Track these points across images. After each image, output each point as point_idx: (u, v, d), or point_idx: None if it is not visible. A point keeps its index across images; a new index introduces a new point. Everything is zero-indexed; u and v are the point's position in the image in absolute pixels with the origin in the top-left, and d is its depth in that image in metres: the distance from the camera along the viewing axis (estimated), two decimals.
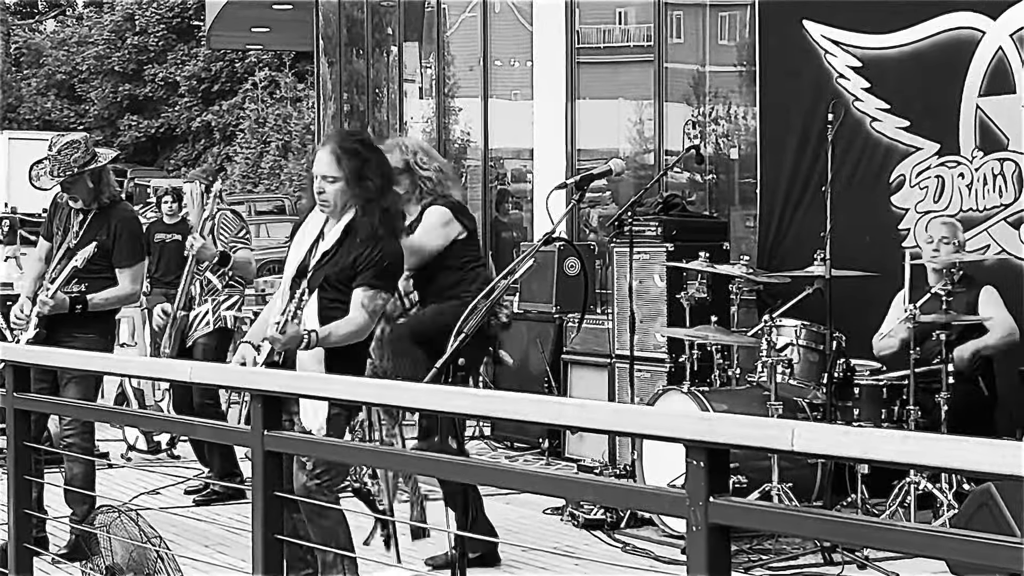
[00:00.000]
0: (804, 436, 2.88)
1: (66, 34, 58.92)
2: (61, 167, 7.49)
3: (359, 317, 5.96)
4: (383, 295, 6.03)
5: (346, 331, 5.95)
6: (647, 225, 9.43)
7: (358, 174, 6.00)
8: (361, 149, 6.07)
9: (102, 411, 7.45)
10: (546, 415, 3.57)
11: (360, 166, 6.01)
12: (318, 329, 5.90)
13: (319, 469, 5.87)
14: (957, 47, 9.24)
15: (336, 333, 5.93)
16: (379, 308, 6.04)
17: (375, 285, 5.97)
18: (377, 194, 6.02)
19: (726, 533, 3.09)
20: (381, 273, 5.99)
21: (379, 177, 6.06)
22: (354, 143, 6.10)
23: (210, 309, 9.17)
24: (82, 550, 6.77)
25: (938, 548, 2.84)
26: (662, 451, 7.86)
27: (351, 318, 5.95)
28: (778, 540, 7.55)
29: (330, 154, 6.03)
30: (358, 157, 6.02)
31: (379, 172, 6.07)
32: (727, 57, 12.62)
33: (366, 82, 18.03)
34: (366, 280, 5.96)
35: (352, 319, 5.96)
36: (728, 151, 12.50)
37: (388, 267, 6.02)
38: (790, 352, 8.32)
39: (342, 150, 6.02)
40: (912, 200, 9.44)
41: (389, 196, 6.10)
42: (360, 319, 5.96)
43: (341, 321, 5.94)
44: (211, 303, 9.17)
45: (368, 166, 6.03)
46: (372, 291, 5.97)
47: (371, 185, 6.00)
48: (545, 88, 13.82)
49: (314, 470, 5.87)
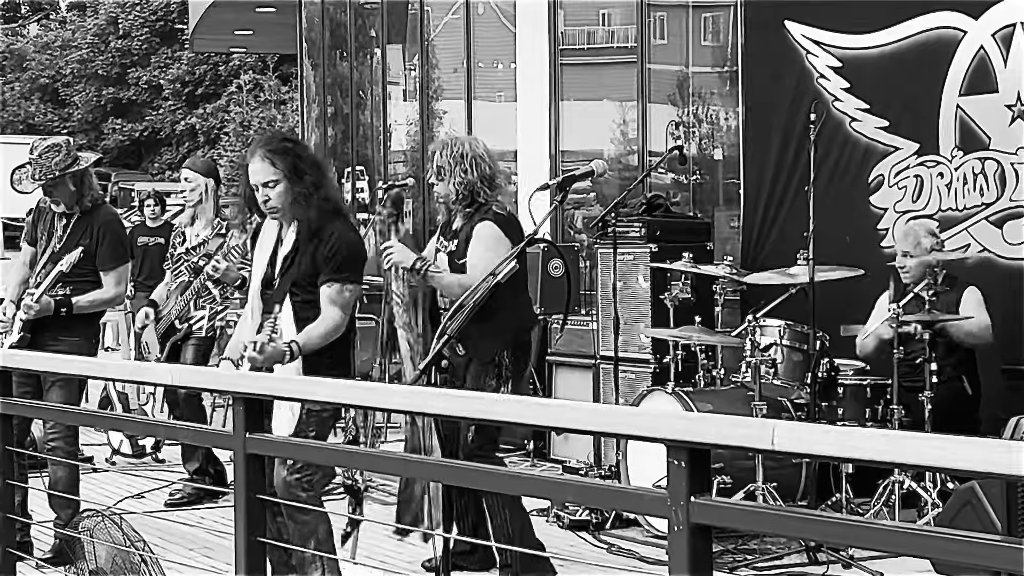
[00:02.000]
0: (785, 435, 2.88)
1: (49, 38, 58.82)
2: (42, 170, 7.48)
3: (332, 313, 6.01)
4: (349, 286, 6.06)
5: (323, 330, 5.99)
6: (631, 226, 9.45)
7: (294, 170, 6.05)
8: (290, 146, 6.15)
9: (86, 415, 7.43)
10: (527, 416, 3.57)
11: (294, 162, 6.07)
12: (296, 339, 5.91)
13: (299, 463, 5.89)
14: (938, 47, 9.25)
15: (313, 337, 5.96)
16: (349, 300, 6.08)
17: (338, 279, 6.03)
18: (314, 187, 6.06)
19: (708, 533, 3.09)
20: (341, 265, 6.04)
21: (313, 169, 6.11)
22: (281, 142, 6.17)
23: (207, 315, 9.15)
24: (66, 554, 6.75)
25: (923, 547, 2.85)
26: (647, 452, 7.86)
27: (324, 317, 6.00)
28: (763, 540, 7.56)
29: (262, 160, 6.08)
30: (290, 154, 6.09)
31: (311, 164, 6.14)
32: (710, 58, 12.63)
33: (350, 85, 18.02)
34: (328, 276, 6.02)
35: (325, 317, 6.00)
36: (711, 152, 12.51)
37: (346, 257, 6.06)
38: (774, 352, 8.33)
39: (273, 152, 6.08)
40: (891, 200, 9.46)
41: (325, 186, 6.14)
42: (333, 315, 6.01)
43: (315, 323, 5.98)
44: (208, 310, 9.15)
45: (301, 161, 6.10)
46: (337, 285, 6.03)
47: (308, 179, 6.06)
48: (529, 90, 13.82)
49: (294, 464, 5.89)
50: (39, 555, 7.42)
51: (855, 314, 8.69)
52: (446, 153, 6.78)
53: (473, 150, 6.82)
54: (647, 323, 9.35)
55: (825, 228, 8.31)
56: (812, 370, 8.00)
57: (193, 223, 9.22)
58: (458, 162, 6.75)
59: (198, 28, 23.38)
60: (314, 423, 5.94)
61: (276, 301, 6.05)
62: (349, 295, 6.05)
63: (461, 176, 6.74)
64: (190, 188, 9.18)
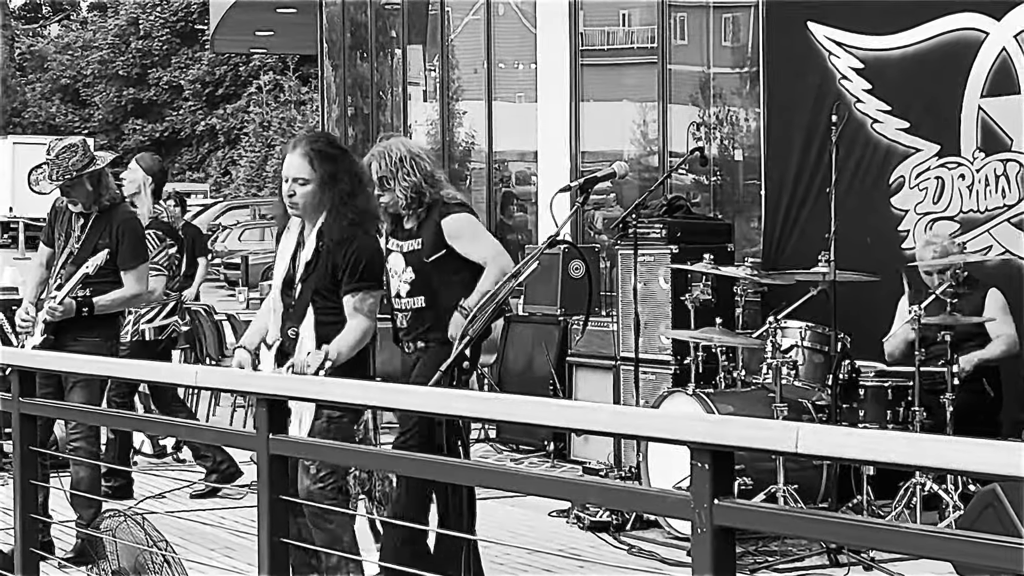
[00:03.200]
0: (808, 438, 2.88)
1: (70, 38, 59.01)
2: (60, 171, 7.50)
3: (358, 322, 5.98)
4: (372, 293, 6.03)
5: (352, 339, 5.97)
6: (652, 227, 9.44)
7: (331, 176, 6.00)
8: (333, 151, 6.08)
9: (107, 415, 7.45)
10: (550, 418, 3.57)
11: (333, 168, 6.00)
12: (329, 354, 5.86)
13: (323, 472, 5.88)
14: (960, 48, 9.23)
15: (344, 348, 5.92)
16: (373, 306, 6.03)
17: (360, 287, 5.99)
18: (348, 197, 6.01)
19: (731, 535, 3.09)
20: (361, 274, 6.00)
21: (350, 179, 6.05)
22: (326, 145, 6.11)
23: (130, 321, 9.15)
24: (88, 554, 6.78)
25: (944, 549, 2.84)
26: (667, 453, 7.85)
27: (351, 326, 5.96)
28: (784, 542, 7.55)
29: (302, 157, 6.02)
30: (331, 160, 6.02)
31: (350, 173, 6.06)
32: (731, 59, 12.62)
33: (370, 85, 18.04)
34: (350, 286, 5.99)
35: (352, 327, 5.97)
36: (732, 153, 12.50)
37: (367, 266, 6.02)
38: (795, 354, 8.31)
39: (315, 152, 6.02)
40: (912, 201, 9.44)
41: (361, 198, 6.08)
42: (360, 324, 5.97)
43: (343, 334, 5.94)
44: (133, 315, 9.16)
45: (340, 168, 6.03)
46: (360, 294, 5.99)
47: (343, 188, 6.00)
48: (549, 90, 13.82)
49: (318, 474, 5.87)
50: (61, 555, 7.44)
51: (876, 316, 8.68)
52: (384, 163, 6.64)
53: (410, 151, 6.73)
54: (668, 324, 9.34)
55: (846, 230, 8.30)
56: (833, 372, 7.99)
57: None
58: (399, 167, 6.63)
59: (219, 29, 23.44)
60: (335, 429, 5.92)
61: (298, 314, 6.03)
62: (373, 301, 6.02)
63: (405, 181, 6.61)
64: (128, 180, 9.13)
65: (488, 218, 15.09)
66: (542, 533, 8.24)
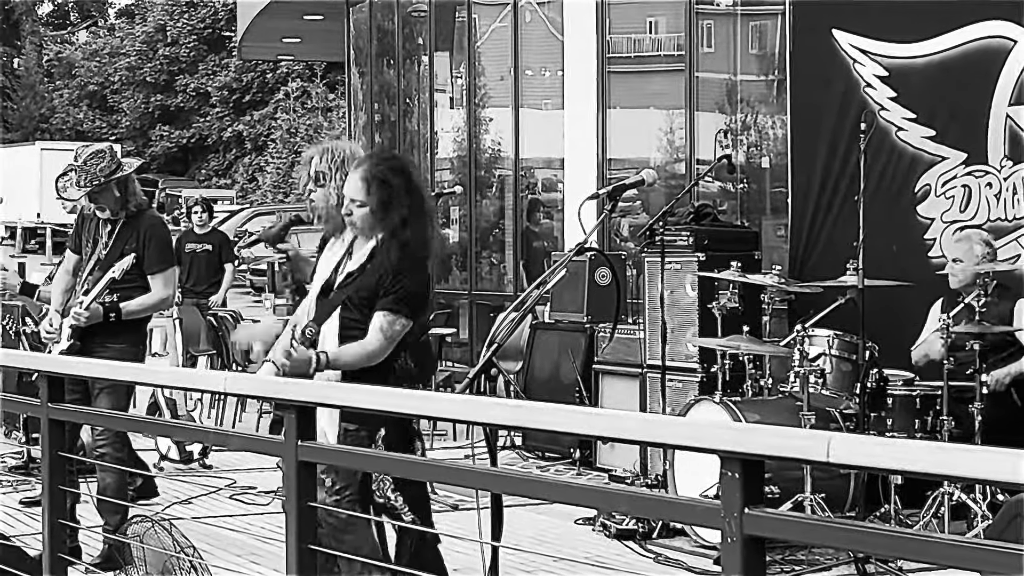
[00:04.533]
0: (840, 447, 2.87)
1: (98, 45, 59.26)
2: (87, 177, 7.52)
3: (375, 342, 5.84)
4: (403, 321, 5.87)
5: (357, 354, 5.85)
6: (678, 235, 9.43)
7: (385, 203, 5.89)
8: (390, 177, 5.93)
9: (135, 421, 7.47)
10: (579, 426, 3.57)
11: (387, 195, 5.89)
12: (328, 351, 5.82)
13: (338, 485, 5.83)
14: (987, 56, 9.19)
15: (345, 356, 5.82)
16: (397, 334, 5.87)
17: (396, 310, 5.85)
18: (400, 225, 5.90)
19: (761, 544, 3.08)
20: (404, 299, 5.86)
21: (405, 207, 5.91)
22: (384, 171, 5.96)
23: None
24: (115, 560, 6.80)
25: (972, 559, 2.82)
26: (694, 461, 7.84)
27: (365, 341, 5.83)
28: (811, 551, 7.53)
29: (360, 180, 5.94)
30: (386, 187, 5.89)
31: (405, 203, 5.92)
32: (758, 66, 12.60)
33: (397, 92, 18.06)
34: (388, 305, 5.85)
35: (367, 342, 5.85)
36: (759, 160, 12.47)
37: (412, 294, 5.90)
38: (823, 362, 8.28)
39: (372, 177, 5.91)
40: (938, 210, 9.40)
41: (413, 227, 5.93)
42: (375, 343, 5.84)
43: (354, 344, 5.85)
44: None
45: (396, 195, 5.90)
46: (392, 316, 5.84)
47: (395, 217, 5.88)
48: (576, 97, 13.81)
49: (333, 487, 5.82)
50: (88, 560, 7.45)
51: (904, 325, 8.65)
52: (326, 159, 6.51)
53: (355, 155, 6.55)
54: (694, 332, 9.32)
55: (871, 238, 8.27)
56: (861, 380, 7.96)
57: None
58: (339, 167, 6.47)
59: (246, 35, 23.49)
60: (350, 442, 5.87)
61: (322, 315, 6.00)
62: (400, 329, 5.85)
63: (342, 181, 6.42)
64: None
65: (514, 225, 15.10)
66: (568, 541, 8.24)
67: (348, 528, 5.86)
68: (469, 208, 15.95)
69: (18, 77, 58.45)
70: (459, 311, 15.89)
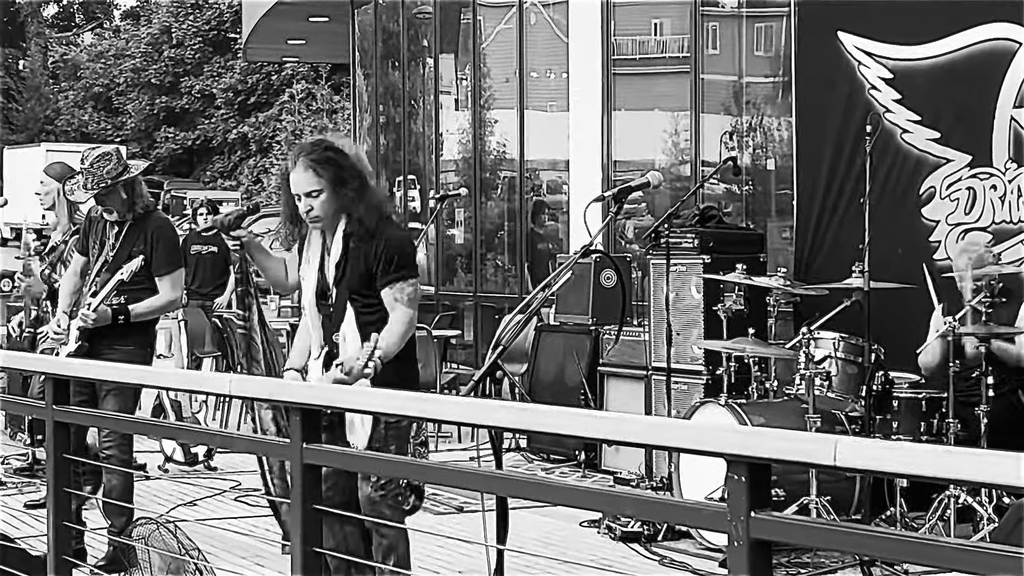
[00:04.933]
0: (847, 450, 2.86)
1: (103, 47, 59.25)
2: (95, 179, 7.52)
3: (401, 314, 5.92)
4: (410, 281, 5.98)
5: (399, 331, 5.90)
6: (684, 237, 9.42)
7: (339, 179, 5.96)
8: (333, 155, 6.02)
9: (140, 423, 7.46)
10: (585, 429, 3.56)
11: (338, 171, 5.97)
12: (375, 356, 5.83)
13: (384, 479, 5.86)
14: (992, 58, 9.19)
15: (392, 343, 5.85)
16: (413, 295, 5.97)
17: (396, 278, 5.94)
18: (360, 193, 5.97)
19: (768, 548, 3.07)
20: (395, 263, 5.95)
21: (355, 179, 6.00)
22: (324, 151, 6.03)
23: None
24: (120, 562, 6.80)
25: (978, 563, 2.82)
26: (700, 463, 7.84)
27: (394, 318, 5.91)
28: (816, 554, 7.52)
29: (305, 169, 6.00)
30: (333, 164, 5.97)
31: (354, 174, 6.01)
32: (764, 68, 12.59)
33: (402, 94, 18.07)
34: (387, 278, 5.94)
35: (396, 319, 5.91)
36: (765, 162, 12.47)
37: (399, 255, 5.98)
38: (828, 364, 8.28)
39: (316, 162, 5.98)
40: (943, 212, 9.39)
41: (367, 195, 6.01)
42: (403, 315, 5.92)
43: (388, 327, 5.88)
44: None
45: (344, 169, 5.98)
46: (398, 284, 5.94)
47: (353, 186, 5.96)
48: (581, 99, 13.81)
49: (379, 480, 5.85)
50: (93, 562, 7.45)
51: (910, 327, 8.64)
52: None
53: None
54: (700, 334, 9.32)
55: (876, 240, 8.27)
56: (867, 383, 7.96)
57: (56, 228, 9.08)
58: None
59: (251, 37, 23.50)
60: (392, 435, 5.89)
61: (338, 315, 6.01)
62: (412, 289, 5.96)
63: None
64: (44, 192, 9.00)
65: (519, 227, 15.10)
66: (573, 543, 8.23)
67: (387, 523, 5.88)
68: (474, 210, 15.95)
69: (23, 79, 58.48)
70: (464, 313, 15.89)
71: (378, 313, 5.95)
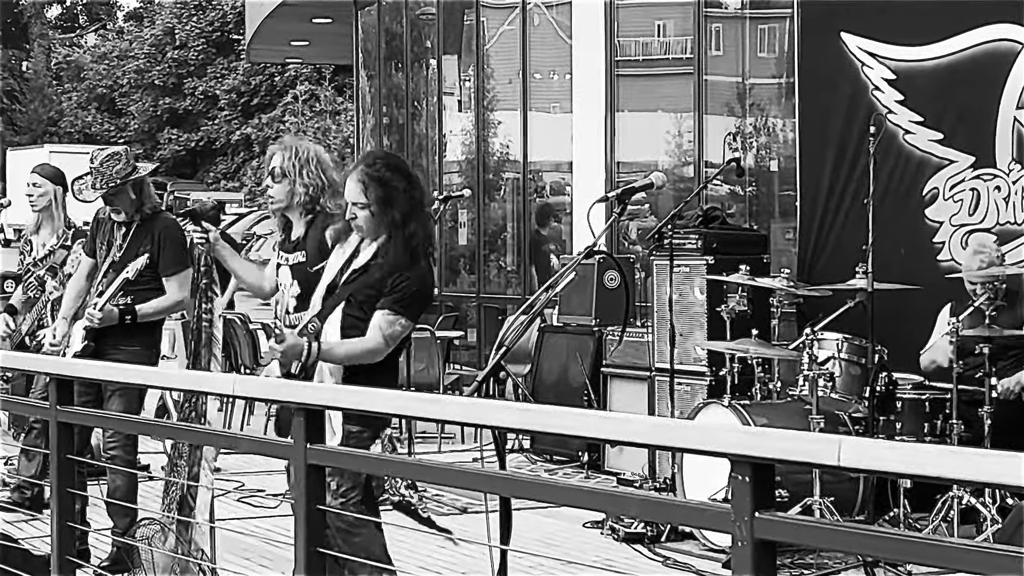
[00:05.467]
0: (850, 451, 2.86)
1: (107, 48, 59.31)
2: (104, 179, 7.53)
3: (373, 339, 5.88)
4: (403, 322, 5.91)
5: (354, 349, 5.88)
6: (687, 238, 9.42)
7: (384, 202, 5.90)
8: (387, 175, 5.95)
9: (144, 424, 7.46)
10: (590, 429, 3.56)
11: (386, 194, 5.90)
12: (321, 341, 5.83)
13: (344, 487, 5.83)
14: (995, 59, 9.18)
15: (341, 349, 5.86)
16: (397, 335, 5.91)
17: (397, 311, 5.88)
18: (401, 223, 5.91)
19: (772, 548, 3.07)
20: (406, 300, 5.90)
21: (406, 204, 5.92)
22: (380, 169, 5.98)
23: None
24: (124, 563, 6.80)
25: (982, 563, 2.81)
26: (704, 464, 7.83)
27: (364, 339, 5.87)
28: (820, 555, 7.51)
29: (357, 182, 5.96)
30: (384, 185, 5.91)
31: (405, 199, 5.94)
32: (767, 69, 12.59)
33: (405, 95, 18.06)
34: (389, 304, 5.89)
35: (365, 340, 5.88)
36: (768, 163, 12.46)
37: (414, 294, 5.92)
38: (832, 365, 8.28)
39: (368, 178, 5.93)
40: (946, 213, 9.39)
41: (413, 223, 5.94)
42: (372, 342, 5.87)
43: (352, 340, 5.88)
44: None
45: (394, 193, 5.91)
46: (393, 316, 5.88)
47: (396, 215, 5.90)
48: (584, 101, 13.81)
49: (338, 489, 5.82)
50: (97, 563, 7.45)
51: (914, 328, 8.64)
52: (288, 155, 6.56)
53: (318, 155, 6.61)
54: (703, 335, 9.32)
55: (880, 241, 8.27)
56: (870, 384, 7.95)
57: (39, 231, 9.04)
58: (304, 165, 6.53)
59: (254, 39, 23.49)
60: (353, 444, 5.86)
61: (329, 309, 6.00)
62: (399, 330, 5.90)
63: (308, 179, 6.51)
64: (38, 193, 8.94)
65: (521, 229, 15.10)
66: (576, 544, 8.23)
67: (356, 530, 5.86)
68: (477, 211, 15.94)
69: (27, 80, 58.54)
70: (467, 314, 15.89)
71: (359, 333, 5.91)
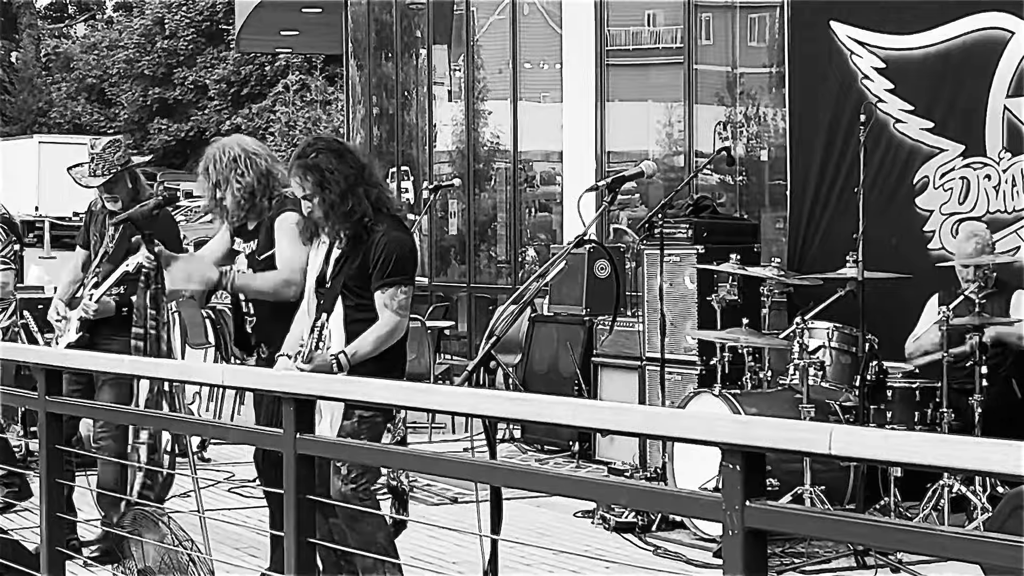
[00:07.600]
0: (842, 439, 2.86)
1: (96, 38, 59.19)
2: (106, 165, 7.53)
3: (386, 320, 5.90)
4: (403, 289, 5.94)
5: (376, 337, 5.89)
6: (678, 227, 9.42)
7: (320, 185, 5.91)
8: (318, 160, 5.95)
9: (134, 414, 7.44)
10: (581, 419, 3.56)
11: (319, 179, 5.91)
12: (346, 350, 5.83)
13: (354, 473, 5.84)
14: (985, 48, 9.18)
15: (365, 345, 5.87)
16: (404, 303, 5.94)
17: (389, 283, 5.91)
18: (340, 201, 5.90)
19: (763, 537, 3.07)
20: (391, 269, 5.92)
21: (340, 182, 5.91)
22: (311, 157, 5.98)
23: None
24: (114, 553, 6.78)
25: (972, 551, 2.82)
26: (694, 454, 7.83)
27: (378, 324, 5.89)
28: (810, 543, 7.52)
29: (295, 176, 5.99)
30: (315, 170, 5.92)
31: (338, 177, 5.92)
32: (757, 58, 12.59)
33: (395, 85, 18.04)
34: (380, 282, 5.91)
35: (379, 325, 5.90)
36: (758, 153, 12.46)
37: (397, 261, 5.94)
38: (822, 354, 8.27)
39: (303, 169, 5.95)
40: (937, 202, 9.39)
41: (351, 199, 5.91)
42: (388, 323, 5.90)
43: (367, 333, 5.88)
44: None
45: (326, 175, 5.91)
46: (391, 289, 5.91)
47: (333, 197, 5.89)
48: (574, 90, 13.80)
49: (349, 475, 5.84)
50: (87, 554, 7.44)
51: (904, 317, 8.64)
52: (218, 166, 6.52)
53: (244, 149, 6.56)
54: (693, 324, 9.32)
55: (870, 230, 8.26)
56: (861, 373, 7.95)
57: None
58: (232, 168, 6.49)
59: (244, 28, 23.47)
60: (366, 428, 5.88)
61: (327, 306, 6.00)
62: (404, 297, 5.94)
63: (238, 182, 6.46)
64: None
65: (511, 218, 15.09)
66: (567, 534, 8.23)
67: (363, 516, 5.86)
68: (468, 201, 15.93)
69: (16, 70, 58.41)
70: (457, 304, 15.88)
71: (369, 315, 5.92)
